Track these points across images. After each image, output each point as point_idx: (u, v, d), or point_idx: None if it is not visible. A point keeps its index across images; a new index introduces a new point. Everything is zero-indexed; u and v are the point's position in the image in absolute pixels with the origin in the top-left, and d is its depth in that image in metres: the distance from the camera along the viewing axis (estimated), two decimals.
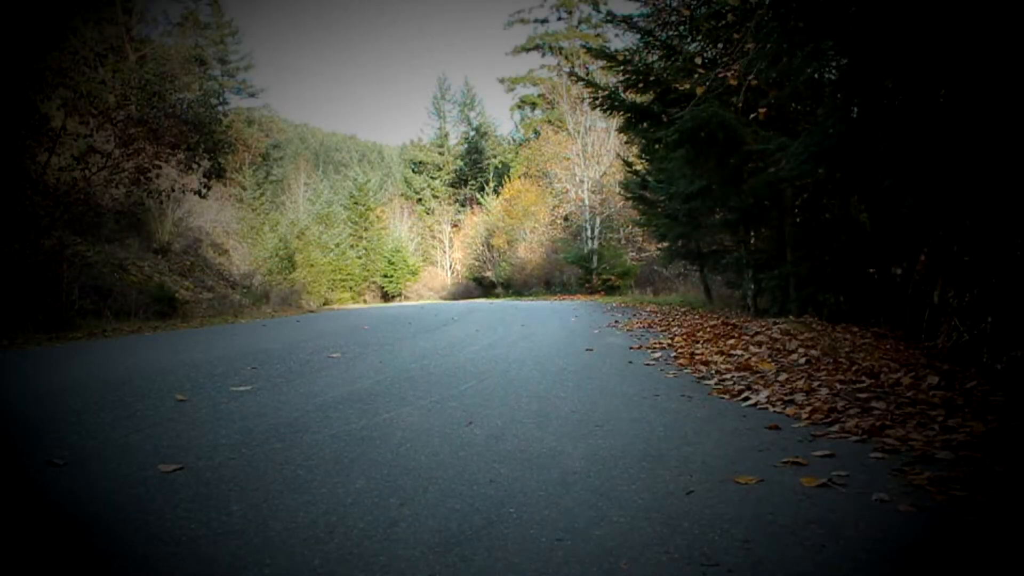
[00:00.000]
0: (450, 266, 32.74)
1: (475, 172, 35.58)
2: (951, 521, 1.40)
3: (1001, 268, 3.43)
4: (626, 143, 15.61)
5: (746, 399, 2.70)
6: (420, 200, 35.99)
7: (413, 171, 37.27)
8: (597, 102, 7.53)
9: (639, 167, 10.95)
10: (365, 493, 1.61)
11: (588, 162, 20.94)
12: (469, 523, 1.42)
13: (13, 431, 2.25)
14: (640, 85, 7.14)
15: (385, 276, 29.70)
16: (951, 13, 3.19)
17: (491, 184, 31.10)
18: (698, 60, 6.84)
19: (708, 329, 5.13)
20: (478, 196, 31.99)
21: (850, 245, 5.64)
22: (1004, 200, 3.34)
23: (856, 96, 4.41)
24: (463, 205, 35.21)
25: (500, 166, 33.32)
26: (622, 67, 7.00)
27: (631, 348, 4.44)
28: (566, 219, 22.56)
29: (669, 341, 4.66)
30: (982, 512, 1.43)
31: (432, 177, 36.29)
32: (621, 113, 7.55)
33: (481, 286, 26.24)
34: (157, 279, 11.14)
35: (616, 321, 6.73)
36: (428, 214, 35.14)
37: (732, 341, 4.25)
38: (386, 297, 29.13)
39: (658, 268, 16.80)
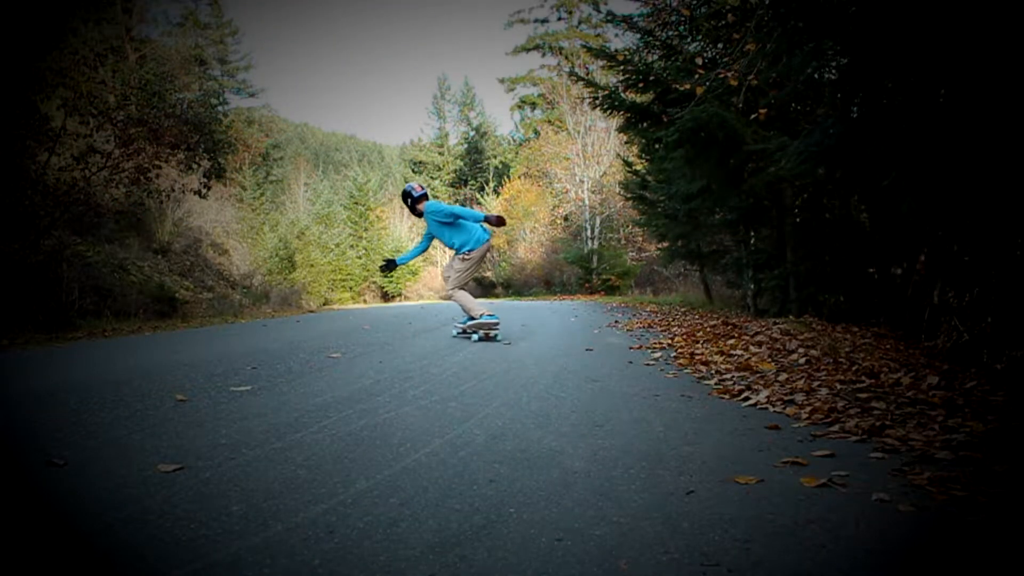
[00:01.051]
0: None
1: (475, 172, 35.61)
2: (951, 521, 1.40)
3: (1001, 268, 3.43)
4: (626, 143, 15.62)
5: (746, 399, 2.70)
6: None
7: (413, 171, 37.26)
8: (597, 102, 7.54)
9: (639, 167, 10.96)
10: (365, 493, 1.61)
11: (588, 162, 20.94)
12: (469, 523, 1.42)
13: (13, 431, 2.25)
14: (640, 85, 7.15)
15: (385, 276, 29.71)
16: (951, 13, 3.19)
17: (491, 184, 31.12)
18: (698, 60, 6.83)
19: (708, 329, 5.13)
20: (478, 196, 32.00)
21: (850, 245, 5.64)
22: (1004, 200, 3.34)
23: (856, 96, 4.41)
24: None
25: (500, 166, 33.35)
26: (622, 67, 7.01)
27: (631, 348, 4.44)
28: (566, 219, 22.57)
29: (669, 341, 4.66)
30: (982, 512, 1.43)
31: (432, 177, 36.28)
32: (621, 113, 7.56)
33: (481, 286, 26.22)
34: (157, 279, 11.14)
35: (616, 321, 6.73)
36: None
37: (732, 341, 4.25)
38: (386, 297, 29.10)
39: (658, 268, 16.82)
